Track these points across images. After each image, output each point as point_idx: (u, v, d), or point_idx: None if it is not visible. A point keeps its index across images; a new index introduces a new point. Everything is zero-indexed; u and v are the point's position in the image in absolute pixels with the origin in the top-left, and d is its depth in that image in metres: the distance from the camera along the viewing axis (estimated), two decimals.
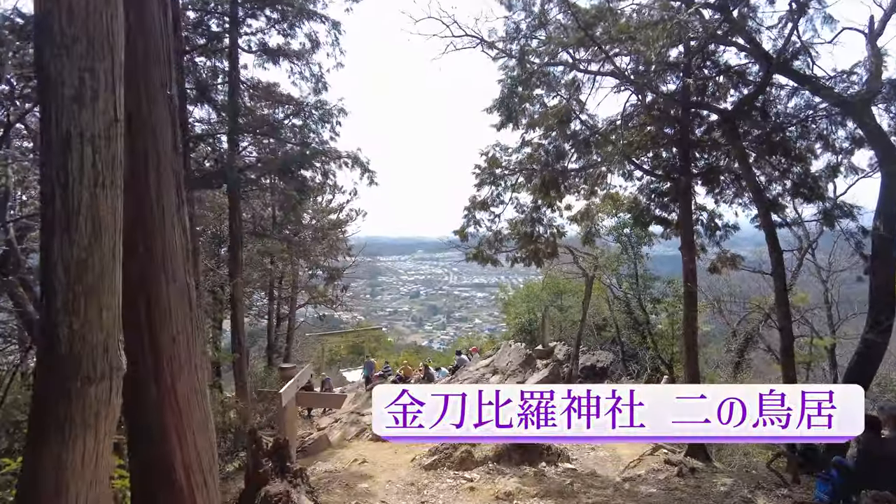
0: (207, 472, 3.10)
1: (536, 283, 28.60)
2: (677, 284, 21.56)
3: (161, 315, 2.90)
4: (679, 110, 9.82)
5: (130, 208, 2.81)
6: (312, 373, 18.00)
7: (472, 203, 10.66)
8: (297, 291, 23.28)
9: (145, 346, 2.87)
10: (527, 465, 8.95)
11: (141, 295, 2.85)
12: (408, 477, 7.36)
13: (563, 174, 9.84)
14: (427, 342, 68.20)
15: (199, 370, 3.12)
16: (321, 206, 22.69)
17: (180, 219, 2.98)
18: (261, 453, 4.75)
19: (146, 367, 2.88)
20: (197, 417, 3.06)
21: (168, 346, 2.92)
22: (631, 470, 9.89)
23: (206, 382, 3.22)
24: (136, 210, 2.80)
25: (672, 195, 10.83)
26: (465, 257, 10.98)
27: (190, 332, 3.03)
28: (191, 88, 10.41)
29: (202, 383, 3.15)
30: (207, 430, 3.14)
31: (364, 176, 14.42)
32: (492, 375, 17.45)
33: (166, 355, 2.91)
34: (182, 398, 2.99)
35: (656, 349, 21.29)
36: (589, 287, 16.00)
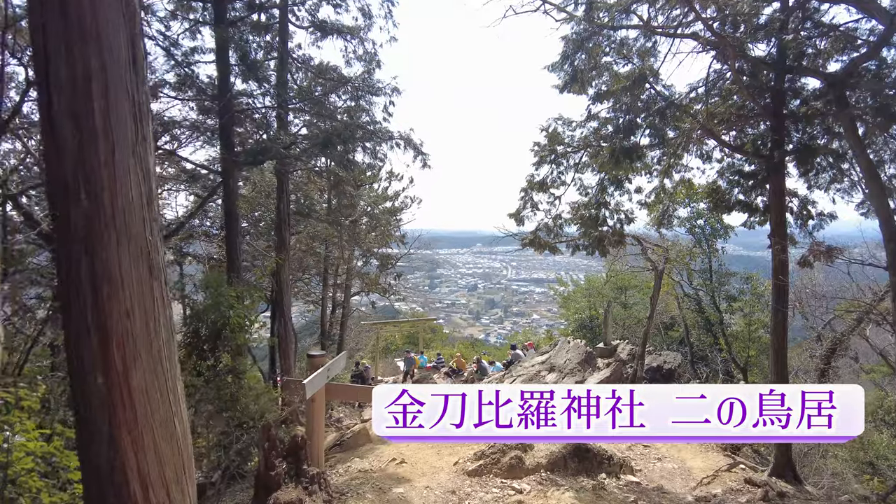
0: (173, 488, 2.45)
1: (598, 277, 27.16)
2: (756, 282, 19.66)
3: (111, 283, 2.23)
4: (773, 76, 8.43)
5: (68, 141, 2.19)
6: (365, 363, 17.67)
7: (529, 184, 9.68)
8: (351, 278, 23.14)
9: (88, 322, 2.22)
10: (584, 475, 7.98)
11: (84, 256, 2.20)
12: (449, 483, 6.59)
13: (636, 151, 8.66)
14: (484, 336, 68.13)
15: (165, 358, 2.46)
16: (377, 194, 22.38)
17: (140, 158, 2.31)
18: (274, 453, 4.12)
19: (89, 350, 2.24)
20: (159, 418, 2.40)
21: (119, 324, 2.25)
22: (704, 487, 8.70)
23: (175, 372, 2.54)
24: (76, 145, 2.15)
25: (760, 177, 9.43)
26: (521, 243, 10.04)
27: (151, 307, 2.37)
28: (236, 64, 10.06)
29: (170, 374, 2.49)
30: (175, 434, 2.48)
31: (417, 158, 13.80)
32: (547, 373, 16.41)
33: (116, 335, 2.25)
34: (138, 392, 2.32)
35: (730, 352, 19.51)
36: (658, 281, 14.63)
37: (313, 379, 5.31)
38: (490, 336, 70.65)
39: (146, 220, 2.37)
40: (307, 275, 21.57)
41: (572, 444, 8.25)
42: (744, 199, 9.66)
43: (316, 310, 23.67)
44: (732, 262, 22.26)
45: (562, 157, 9.45)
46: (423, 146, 13.55)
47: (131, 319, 2.30)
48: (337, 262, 21.40)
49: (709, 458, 10.89)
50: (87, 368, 2.26)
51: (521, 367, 17.94)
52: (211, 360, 7.19)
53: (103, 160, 2.18)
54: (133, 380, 2.32)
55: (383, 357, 23.86)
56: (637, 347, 18.54)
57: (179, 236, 15.12)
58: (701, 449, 11.40)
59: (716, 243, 19.61)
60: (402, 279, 24.26)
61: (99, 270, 2.22)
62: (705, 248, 19.60)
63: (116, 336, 2.26)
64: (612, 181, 9.39)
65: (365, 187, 21.92)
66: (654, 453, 11.11)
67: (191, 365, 6.99)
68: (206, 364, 7.13)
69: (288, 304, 13.09)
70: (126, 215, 2.27)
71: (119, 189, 2.23)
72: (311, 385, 5.21)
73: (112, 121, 2.17)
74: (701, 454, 11.05)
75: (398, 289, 24.18)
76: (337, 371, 6.15)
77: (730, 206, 9.82)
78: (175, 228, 11.54)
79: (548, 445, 8.41)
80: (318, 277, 22.03)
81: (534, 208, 9.77)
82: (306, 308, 26.23)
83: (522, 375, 16.76)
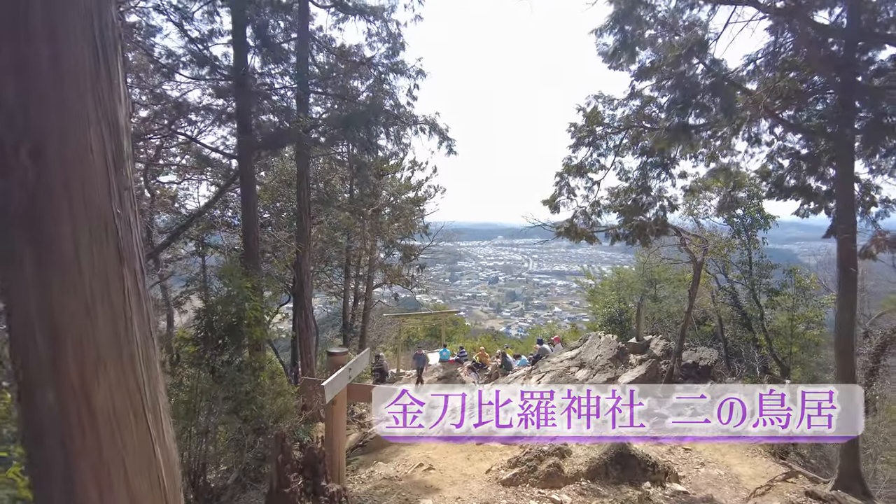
0: None
1: (627, 270, 26.25)
2: (799, 275, 18.58)
3: (63, 270, 1.67)
4: (842, 46, 7.57)
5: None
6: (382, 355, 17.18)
7: (565, 167, 8.95)
8: (373, 270, 22.73)
9: (33, 322, 1.68)
10: (627, 484, 7.33)
11: (26, 233, 1.64)
12: (481, 494, 6.00)
13: (684, 131, 7.87)
14: (504, 328, 67.95)
15: (142, 368, 1.90)
16: (399, 184, 21.86)
17: (102, 102, 1.74)
18: (288, 467, 3.57)
19: (36, 359, 1.69)
20: (133, 445, 1.84)
21: (75, 324, 1.69)
22: (759, 498, 7.97)
23: (156, 386, 1.98)
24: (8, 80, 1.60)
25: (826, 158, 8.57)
26: (555, 232, 9.32)
27: (120, 303, 1.80)
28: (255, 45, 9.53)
29: (147, 389, 1.92)
30: (153, 464, 1.92)
31: (442, 144, 13.21)
32: (578, 369, 15.71)
33: (71, 339, 1.69)
34: (103, 413, 1.76)
35: (770, 348, 18.51)
36: (697, 273, 13.81)
37: (333, 380, 4.76)
38: (511, 329, 70.44)
39: (113, 188, 1.79)
40: (329, 266, 21.23)
41: (614, 449, 7.62)
42: (802, 184, 8.79)
43: (338, 301, 23.38)
44: (771, 255, 21.19)
45: (601, 138, 8.72)
46: (449, 131, 12.96)
47: (92, 318, 1.73)
48: (359, 252, 20.99)
49: (756, 463, 10.13)
50: (33, 382, 1.71)
51: (548, 362, 17.26)
52: (226, 355, 6.72)
53: (48, 101, 1.61)
54: (96, 397, 1.75)
55: (405, 350, 23.45)
56: (671, 343, 17.71)
57: (200, 227, 14.83)
58: (747, 453, 10.64)
59: (756, 234, 18.58)
60: (424, 271, 23.78)
61: (46, 252, 1.65)
62: (744, 239, 18.58)
63: (72, 340, 1.69)
64: (656, 165, 8.62)
65: (387, 177, 21.42)
66: (695, 457, 10.39)
67: (205, 361, 6.53)
68: (221, 360, 6.67)
69: (309, 295, 12.65)
70: (83, 179, 1.70)
71: (72, 142, 1.66)
72: (331, 387, 4.65)
73: (60, 41, 1.60)
74: (748, 459, 10.29)
75: (421, 280, 23.70)
76: (359, 370, 5.61)
77: (787, 191, 8.96)
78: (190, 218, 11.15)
79: (587, 451, 7.78)
80: (340, 269, 21.67)
81: (570, 194, 9.05)
82: (329, 300, 25.99)
83: (551, 372, 16.09)
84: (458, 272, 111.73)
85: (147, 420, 1.93)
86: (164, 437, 2.04)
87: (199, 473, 6.18)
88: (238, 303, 6.63)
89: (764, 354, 19.03)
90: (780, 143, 10.23)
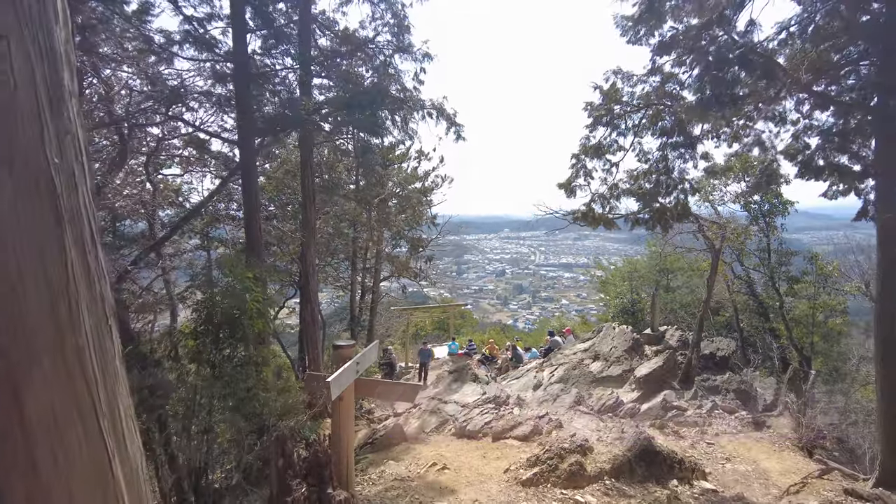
0: None
1: (639, 260, 25.73)
2: (821, 262, 18.00)
3: None
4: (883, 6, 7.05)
5: None
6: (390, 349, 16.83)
7: (582, 148, 8.48)
8: (380, 262, 22.37)
9: None
10: (654, 482, 6.92)
11: None
12: (500, 496, 5.60)
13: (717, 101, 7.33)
14: (512, 321, 67.78)
15: (93, 362, 1.50)
16: (406, 174, 21.45)
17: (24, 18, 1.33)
18: (290, 473, 3.18)
19: None
20: (82, 459, 1.45)
21: None
22: (793, 497, 7.53)
23: (115, 384, 1.58)
24: None
25: (855, 136, 8.06)
26: (572, 218, 8.87)
27: (61, 279, 1.40)
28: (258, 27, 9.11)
29: (100, 388, 1.52)
30: (109, 482, 1.52)
31: (450, 130, 12.80)
32: (592, 361, 15.31)
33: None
34: (39, 419, 1.37)
35: (790, 338, 17.97)
36: (716, 261, 13.32)
37: (339, 375, 4.38)
38: (518, 321, 70.29)
39: (47, 133, 1.37)
40: (336, 259, 20.88)
41: (638, 445, 7.21)
42: (834, 163, 8.28)
43: (345, 295, 23.05)
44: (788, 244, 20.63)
45: (619, 117, 8.24)
46: (457, 116, 12.52)
47: (20, 299, 1.33)
48: (366, 244, 20.63)
49: (784, 458, 9.68)
50: None
51: (561, 354, 16.86)
52: (227, 350, 6.35)
53: None
54: (28, 400, 1.35)
55: (413, 343, 23.13)
56: (686, 334, 17.23)
57: (205, 220, 14.52)
58: (774, 448, 10.19)
59: (774, 220, 18.01)
60: (431, 263, 23.41)
61: None
62: (762, 226, 18.02)
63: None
64: (678, 145, 8.14)
65: (393, 167, 21.01)
66: (719, 452, 9.97)
67: (205, 356, 6.16)
68: (221, 355, 6.30)
69: (314, 288, 12.29)
70: (5, 119, 1.30)
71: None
72: (337, 382, 4.26)
73: None
74: (776, 454, 9.84)
75: (429, 273, 23.33)
76: (368, 364, 5.22)
77: (817, 171, 8.45)
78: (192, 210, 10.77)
79: (609, 447, 7.37)
80: (347, 262, 21.33)
81: (587, 177, 8.59)
82: (336, 294, 25.67)
83: (564, 364, 15.70)
84: (465, 265, 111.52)
85: (102, 428, 1.52)
86: (127, 448, 1.63)
87: (199, 475, 5.84)
88: (239, 294, 6.25)
89: (783, 344, 18.50)
90: (806, 121, 9.72)
